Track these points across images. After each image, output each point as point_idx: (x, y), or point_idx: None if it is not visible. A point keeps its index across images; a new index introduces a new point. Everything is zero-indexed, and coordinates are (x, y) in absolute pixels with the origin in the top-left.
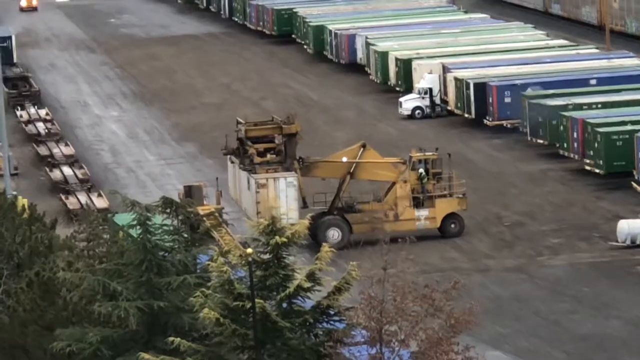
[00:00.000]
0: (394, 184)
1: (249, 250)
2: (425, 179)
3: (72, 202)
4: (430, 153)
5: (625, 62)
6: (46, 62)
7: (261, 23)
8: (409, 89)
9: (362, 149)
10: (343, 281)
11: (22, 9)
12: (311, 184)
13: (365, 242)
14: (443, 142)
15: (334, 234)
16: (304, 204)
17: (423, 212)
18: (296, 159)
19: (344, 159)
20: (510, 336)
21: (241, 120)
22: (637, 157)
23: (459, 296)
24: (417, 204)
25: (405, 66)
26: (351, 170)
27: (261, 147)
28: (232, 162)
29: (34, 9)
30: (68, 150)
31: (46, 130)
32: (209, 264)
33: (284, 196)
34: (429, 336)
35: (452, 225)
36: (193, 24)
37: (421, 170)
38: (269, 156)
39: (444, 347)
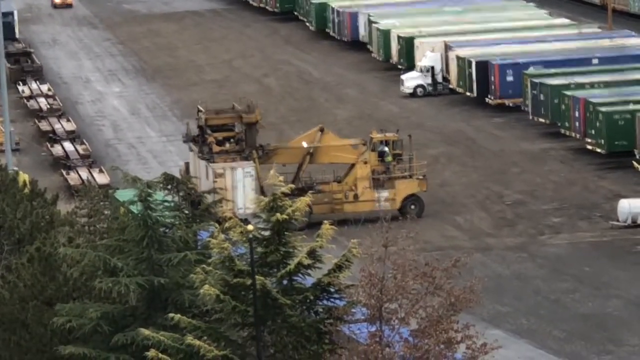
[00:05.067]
0: (354, 165)
1: (250, 227)
2: (389, 157)
3: (73, 178)
4: (391, 134)
5: (628, 41)
6: (48, 37)
7: (264, 0)
8: (411, 67)
9: (320, 133)
10: (344, 259)
11: (55, 6)
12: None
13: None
14: (444, 120)
15: None
16: (262, 193)
17: (383, 193)
18: (256, 148)
19: (304, 144)
20: (511, 315)
21: (201, 108)
22: (638, 136)
23: (459, 274)
24: (377, 185)
25: (407, 44)
26: (311, 153)
27: (221, 135)
28: (192, 150)
29: (69, 5)
30: (69, 125)
31: (48, 106)
32: (209, 241)
33: (241, 186)
34: (429, 314)
35: (412, 207)
36: (195, 0)
37: (386, 149)
38: (227, 145)
39: (444, 325)
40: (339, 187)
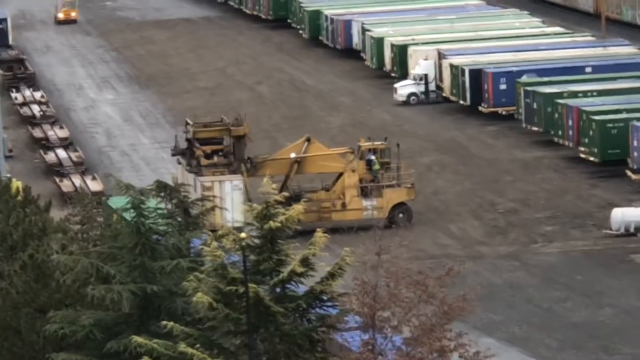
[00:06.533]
0: (342, 173)
1: (243, 234)
2: (376, 166)
3: (66, 185)
4: (379, 142)
5: (621, 50)
6: (41, 44)
7: (257, 7)
8: (404, 75)
9: (306, 143)
10: (337, 267)
11: (59, 22)
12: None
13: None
14: (437, 129)
15: None
16: None
17: (371, 202)
18: (244, 161)
19: (292, 155)
20: (503, 323)
21: (190, 121)
22: (632, 145)
23: (452, 283)
24: (365, 193)
25: (400, 52)
26: (298, 162)
27: (209, 148)
28: (180, 163)
29: (74, 21)
30: (63, 133)
31: (41, 113)
32: (202, 248)
33: (229, 199)
34: (422, 322)
35: (401, 215)
36: (189, 7)
37: (373, 157)
38: (216, 158)
39: (437, 333)
40: (326, 195)
